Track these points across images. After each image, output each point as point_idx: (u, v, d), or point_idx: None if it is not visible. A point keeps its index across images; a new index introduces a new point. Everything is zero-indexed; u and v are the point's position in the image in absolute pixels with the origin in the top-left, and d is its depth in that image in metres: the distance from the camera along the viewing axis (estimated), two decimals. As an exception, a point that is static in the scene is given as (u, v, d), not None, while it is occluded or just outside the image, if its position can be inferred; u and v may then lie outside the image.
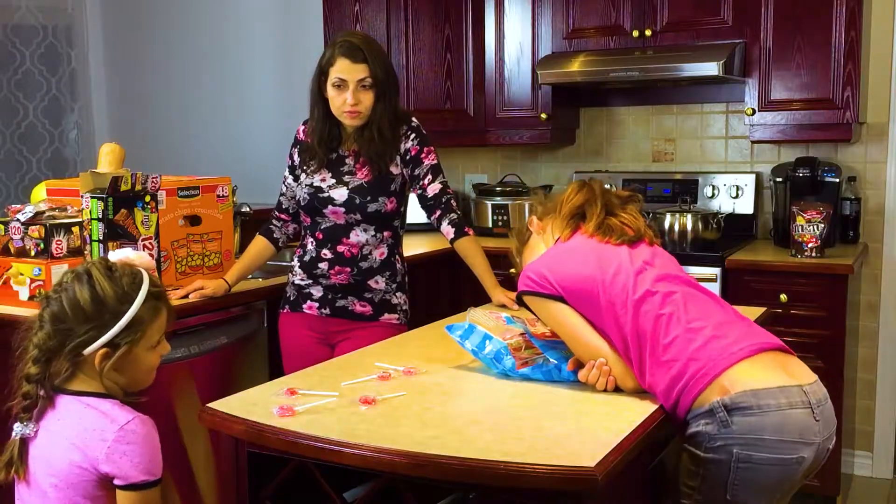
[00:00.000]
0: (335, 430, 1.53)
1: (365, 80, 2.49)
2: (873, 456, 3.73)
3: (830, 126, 3.43)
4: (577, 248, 1.91)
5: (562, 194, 2.06)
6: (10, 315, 2.50)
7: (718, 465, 1.63)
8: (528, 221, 2.12)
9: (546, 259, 1.92)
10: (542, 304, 1.85)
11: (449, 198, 2.63)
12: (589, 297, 1.79)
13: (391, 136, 2.56)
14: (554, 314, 1.84)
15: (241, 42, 4.94)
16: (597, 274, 1.80)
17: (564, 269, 1.85)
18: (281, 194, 2.76)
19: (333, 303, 2.63)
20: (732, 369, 1.65)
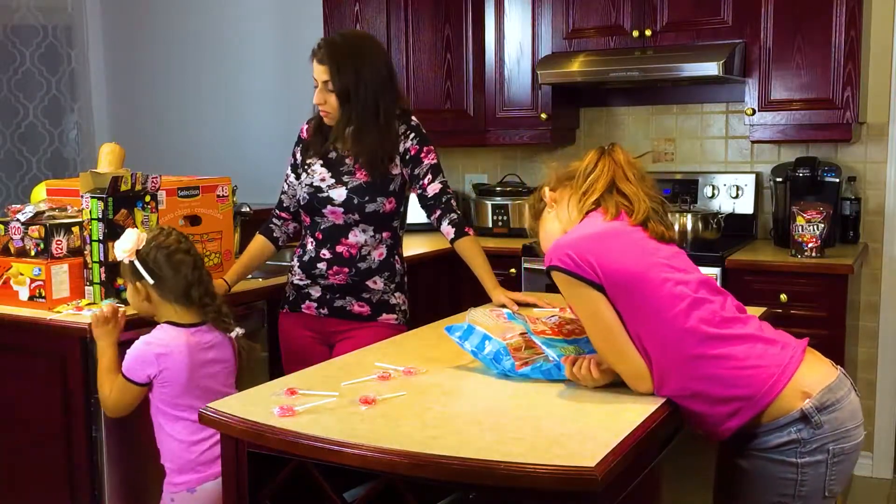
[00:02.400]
0: (335, 430, 1.53)
1: (327, 82, 2.51)
2: (873, 456, 3.73)
3: (830, 126, 3.43)
4: (620, 235, 1.77)
5: (579, 163, 1.93)
6: (10, 315, 2.50)
7: (816, 466, 1.68)
8: (542, 192, 1.99)
9: (588, 240, 1.76)
10: (579, 289, 1.72)
11: (449, 197, 2.62)
12: (633, 295, 1.70)
13: (380, 138, 2.54)
14: (590, 304, 1.72)
15: (242, 42, 4.94)
16: (646, 272, 1.71)
17: (611, 258, 1.71)
18: (282, 192, 2.76)
19: (332, 303, 2.63)
20: (799, 372, 1.69)
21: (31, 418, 2.52)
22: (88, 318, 2.40)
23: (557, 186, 1.96)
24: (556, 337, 1.87)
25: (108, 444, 2.41)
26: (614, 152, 1.90)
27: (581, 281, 1.71)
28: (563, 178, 1.95)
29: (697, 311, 1.69)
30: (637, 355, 1.71)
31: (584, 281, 1.70)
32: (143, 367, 2.19)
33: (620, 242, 1.75)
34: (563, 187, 1.94)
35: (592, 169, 1.88)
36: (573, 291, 1.73)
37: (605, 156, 1.89)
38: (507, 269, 3.71)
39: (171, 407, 2.22)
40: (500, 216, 4.08)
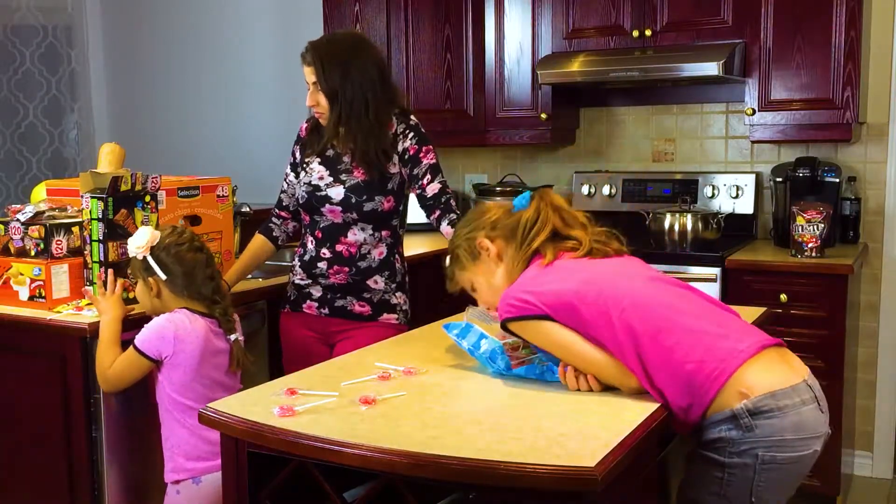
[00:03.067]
0: (335, 430, 1.53)
1: (316, 83, 2.53)
2: (873, 456, 3.73)
3: (830, 126, 3.43)
4: (555, 268, 1.85)
5: (512, 217, 1.95)
6: (10, 315, 2.50)
7: (744, 468, 1.65)
8: (478, 243, 1.96)
9: (523, 283, 1.85)
10: (530, 326, 1.78)
11: (448, 197, 2.62)
12: (576, 310, 1.74)
13: (370, 135, 2.54)
14: (544, 333, 1.78)
15: (242, 42, 4.94)
16: (581, 287, 1.76)
17: (546, 287, 1.79)
18: (282, 191, 2.76)
19: (332, 303, 2.63)
20: (744, 370, 1.66)
21: (31, 418, 2.52)
22: (89, 318, 2.40)
23: (494, 237, 1.95)
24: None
25: (108, 444, 2.41)
26: (551, 199, 1.96)
27: (528, 319, 1.78)
28: (501, 229, 1.95)
29: (638, 310, 1.71)
30: (608, 358, 1.73)
31: (530, 318, 1.77)
32: (160, 344, 2.24)
33: (557, 274, 1.82)
34: (501, 239, 1.95)
35: (534, 222, 1.92)
36: (529, 332, 1.81)
37: (544, 205, 1.94)
38: (507, 269, 3.70)
39: (180, 394, 2.25)
40: (500, 216, 4.07)
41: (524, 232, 1.91)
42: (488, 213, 2.00)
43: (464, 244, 1.99)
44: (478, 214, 2.02)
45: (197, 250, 2.35)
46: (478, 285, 1.99)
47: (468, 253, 1.98)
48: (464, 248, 1.99)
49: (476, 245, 1.96)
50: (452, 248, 2.03)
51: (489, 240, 1.95)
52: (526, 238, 1.90)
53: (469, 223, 2.01)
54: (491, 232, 1.96)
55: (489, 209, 2.01)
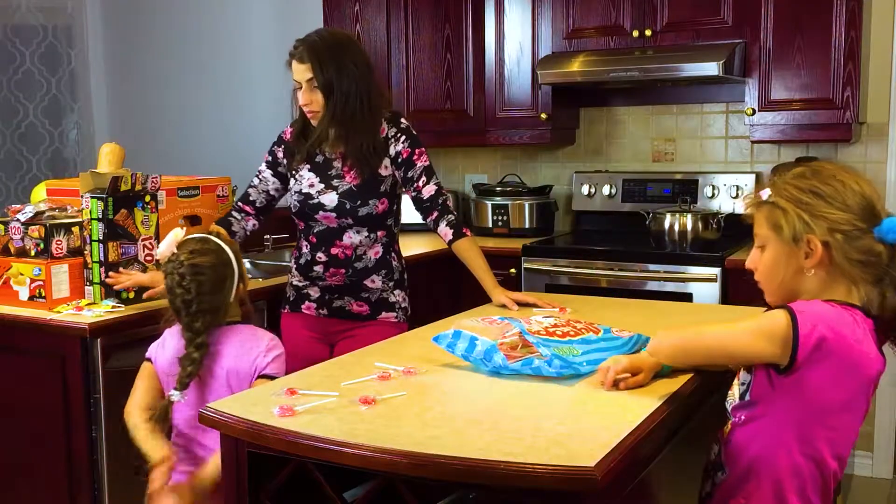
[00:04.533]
0: (335, 430, 1.53)
1: (311, 80, 2.50)
2: (873, 456, 3.73)
3: (830, 126, 3.43)
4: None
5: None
6: (10, 315, 2.51)
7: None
8: (809, 239, 1.60)
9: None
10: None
11: (444, 199, 2.62)
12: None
13: (366, 131, 2.53)
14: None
15: (241, 42, 4.94)
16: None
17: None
18: (251, 185, 2.70)
19: (331, 303, 2.62)
20: None
21: (31, 418, 2.52)
22: (89, 318, 2.40)
23: (828, 236, 1.61)
24: (551, 338, 1.87)
25: (107, 444, 2.41)
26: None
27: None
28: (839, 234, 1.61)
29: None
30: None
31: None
32: (154, 345, 2.26)
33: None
34: (835, 243, 1.61)
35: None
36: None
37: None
38: (506, 270, 3.71)
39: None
40: (500, 216, 4.08)
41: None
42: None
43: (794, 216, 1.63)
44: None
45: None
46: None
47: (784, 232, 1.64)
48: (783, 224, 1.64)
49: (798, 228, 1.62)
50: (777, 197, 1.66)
51: (817, 238, 1.61)
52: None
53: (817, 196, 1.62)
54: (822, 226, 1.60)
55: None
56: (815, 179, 1.63)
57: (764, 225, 1.68)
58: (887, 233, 1.58)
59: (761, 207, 1.68)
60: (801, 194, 1.62)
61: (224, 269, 2.17)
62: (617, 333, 2.00)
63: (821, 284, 1.63)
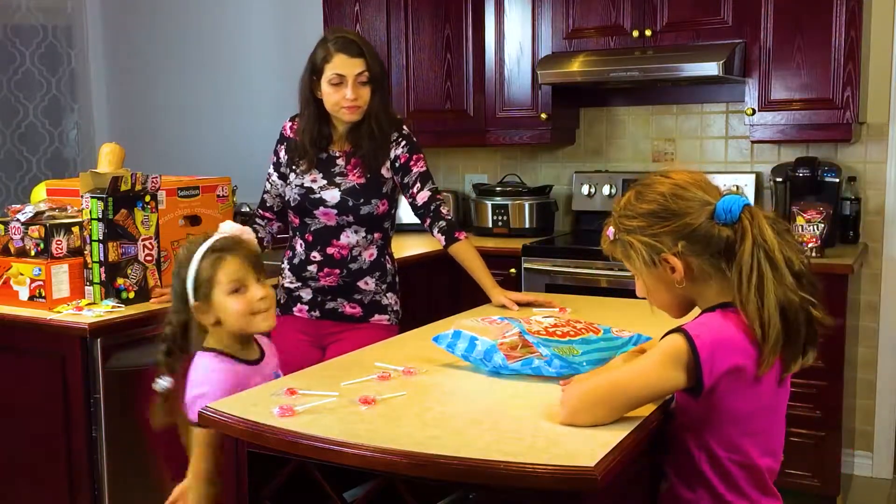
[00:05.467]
0: (335, 430, 1.53)
1: (362, 74, 2.49)
2: (873, 456, 3.73)
3: (830, 126, 3.43)
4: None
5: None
6: (10, 315, 2.51)
7: None
8: (664, 258, 1.61)
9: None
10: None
11: (438, 205, 2.62)
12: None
13: (387, 134, 2.56)
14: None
15: (241, 42, 4.94)
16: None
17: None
18: (265, 192, 2.72)
19: (323, 305, 2.62)
20: None
21: (31, 418, 2.52)
22: (89, 318, 2.40)
23: (688, 253, 1.62)
24: (551, 338, 1.87)
25: (108, 444, 2.42)
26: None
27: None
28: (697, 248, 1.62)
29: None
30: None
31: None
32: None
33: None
34: (693, 255, 1.63)
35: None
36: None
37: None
38: (506, 270, 3.71)
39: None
40: (500, 216, 4.08)
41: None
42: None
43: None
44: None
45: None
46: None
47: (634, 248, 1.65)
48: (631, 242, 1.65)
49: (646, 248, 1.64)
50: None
51: (672, 254, 1.62)
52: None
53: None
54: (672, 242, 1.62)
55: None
56: (640, 202, 1.65)
57: (624, 260, 1.70)
58: (722, 214, 1.58)
59: (615, 246, 1.70)
60: (635, 221, 1.64)
61: (179, 269, 1.95)
62: (617, 333, 2.00)
63: (700, 288, 1.64)
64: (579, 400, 1.54)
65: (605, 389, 1.55)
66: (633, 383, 1.55)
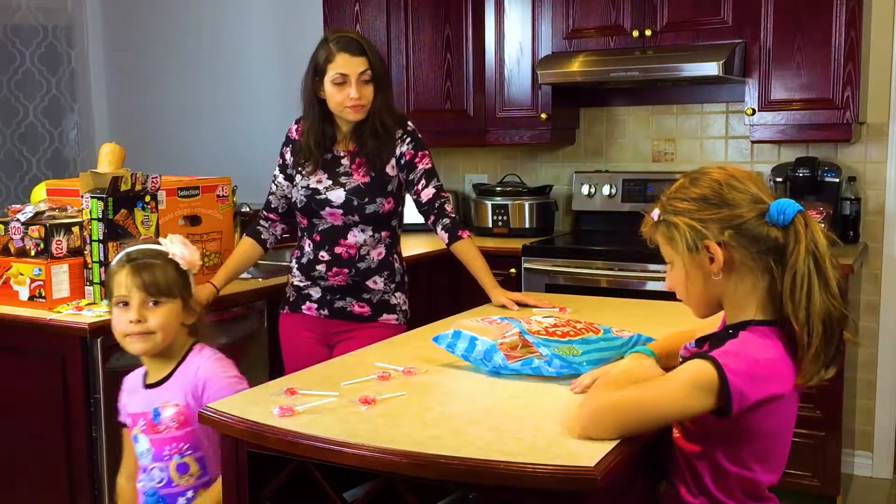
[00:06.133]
0: (335, 430, 1.53)
1: (365, 72, 2.50)
2: (873, 456, 3.73)
3: (830, 126, 3.43)
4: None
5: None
6: (10, 315, 2.50)
7: None
8: (706, 244, 1.58)
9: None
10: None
11: (442, 202, 2.62)
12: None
13: (391, 132, 2.57)
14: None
15: (241, 42, 4.94)
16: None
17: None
18: (270, 193, 2.73)
19: (332, 304, 2.62)
20: None
21: (31, 418, 2.52)
22: (89, 318, 2.40)
23: (735, 249, 1.60)
24: (551, 338, 1.87)
25: (107, 444, 2.41)
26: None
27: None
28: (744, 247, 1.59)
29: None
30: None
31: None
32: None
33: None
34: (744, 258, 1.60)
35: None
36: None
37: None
38: (506, 270, 3.71)
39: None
40: (500, 216, 4.08)
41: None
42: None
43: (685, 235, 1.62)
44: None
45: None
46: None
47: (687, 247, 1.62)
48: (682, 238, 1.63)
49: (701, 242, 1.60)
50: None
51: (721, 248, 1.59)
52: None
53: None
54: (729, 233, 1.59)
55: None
56: (693, 186, 1.65)
57: (664, 244, 1.67)
58: (775, 215, 1.58)
59: (657, 229, 1.68)
60: (684, 204, 1.64)
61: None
62: (617, 333, 2.00)
63: (734, 286, 1.61)
64: (602, 415, 1.50)
65: (630, 408, 1.50)
66: (659, 404, 1.50)
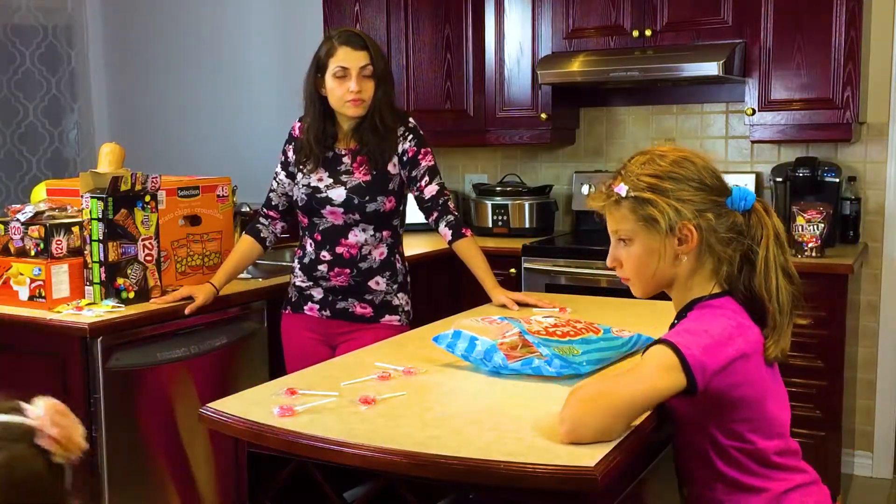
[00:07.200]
0: (335, 430, 1.53)
1: (366, 67, 2.51)
2: (873, 456, 3.73)
3: (830, 126, 3.43)
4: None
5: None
6: (10, 315, 2.50)
7: None
8: (683, 225, 1.58)
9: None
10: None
11: (446, 199, 2.62)
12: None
13: (392, 129, 2.56)
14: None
15: (241, 42, 4.94)
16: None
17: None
18: (271, 190, 2.73)
19: (334, 305, 2.62)
20: None
21: (31, 418, 2.51)
22: (89, 318, 2.40)
23: (699, 218, 1.60)
24: (551, 338, 1.87)
25: (107, 444, 2.41)
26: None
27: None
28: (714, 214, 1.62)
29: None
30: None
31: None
32: None
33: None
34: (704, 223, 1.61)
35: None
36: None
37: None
38: (506, 270, 3.71)
39: None
40: (500, 216, 4.08)
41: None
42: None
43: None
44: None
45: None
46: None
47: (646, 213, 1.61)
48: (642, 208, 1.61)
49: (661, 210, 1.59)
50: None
51: (688, 221, 1.59)
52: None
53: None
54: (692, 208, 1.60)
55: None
56: (666, 164, 1.62)
57: (628, 220, 1.61)
58: (738, 201, 1.60)
59: (621, 203, 1.62)
60: (661, 182, 1.60)
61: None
62: (617, 333, 2.00)
63: (691, 267, 1.62)
64: (581, 418, 1.46)
65: (605, 404, 1.47)
66: (633, 394, 1.49)
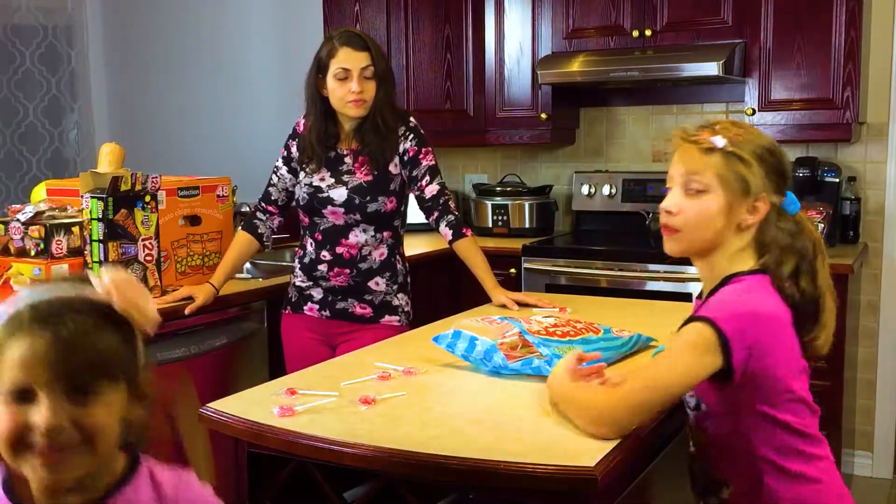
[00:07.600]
0: (335, 430, 1.53)
1: (367, 68, 2.51)
2: (873, 456, 3.73)
3: (830, 126, 3.43)
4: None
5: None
6: (10, 315, 2.50)
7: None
8: (762, 196, 1.58)
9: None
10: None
11: (446, 199, 2.62)
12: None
13: (393, 128, 2.57)
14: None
15: (241, 42, 4.94)
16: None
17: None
18: (270, 185, 2.71)
19: (333, 305, 2.62)
20: None
21: (31, 418, 2.51)
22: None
23: (769, 192, 1.61)
24: (551, 338, 1.87)
25: (108, 444, 2.41)
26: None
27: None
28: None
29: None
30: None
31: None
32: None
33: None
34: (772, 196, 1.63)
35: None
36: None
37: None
38: (506, 270, 3.71)
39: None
40: (500, 216, 4.08)
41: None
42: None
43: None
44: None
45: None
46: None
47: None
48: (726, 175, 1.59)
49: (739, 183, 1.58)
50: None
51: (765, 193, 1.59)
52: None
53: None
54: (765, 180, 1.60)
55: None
56: (765, 141, 1.64)
57: (712, 170, 1.59)
58: (789, 204, 1.62)
59: (712, 153, 1.59)
60: (761, 151, 1.61)
61: None
62: (617, 333, 2.01)
63: (742, 245, 1.61)
64: (621, 409, 1.47)
65: (641, 395, 1.48)
66: (668, 380, 1.49)
